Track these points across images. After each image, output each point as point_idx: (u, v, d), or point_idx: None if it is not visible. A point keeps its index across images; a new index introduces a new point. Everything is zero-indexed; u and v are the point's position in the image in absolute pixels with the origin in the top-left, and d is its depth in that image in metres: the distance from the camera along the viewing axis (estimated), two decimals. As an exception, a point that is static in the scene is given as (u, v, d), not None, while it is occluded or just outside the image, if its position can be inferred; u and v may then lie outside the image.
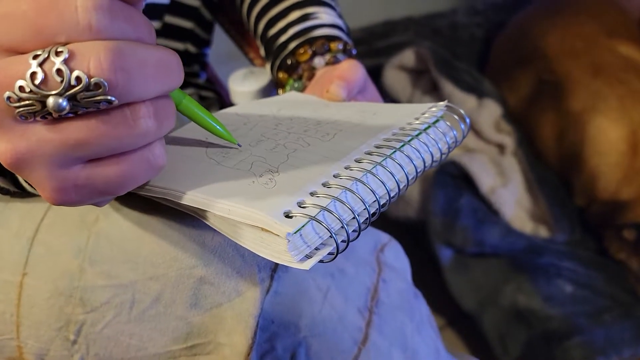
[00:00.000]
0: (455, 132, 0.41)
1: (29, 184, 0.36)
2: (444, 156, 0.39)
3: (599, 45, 1.23)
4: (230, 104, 0.64)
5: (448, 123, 0.41)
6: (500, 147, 1.26)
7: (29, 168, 0.27)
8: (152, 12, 0.59)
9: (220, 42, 0.80)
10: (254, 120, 0.42)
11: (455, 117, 0.41)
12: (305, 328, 0.39)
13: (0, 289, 0.39)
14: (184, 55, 0.67)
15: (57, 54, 0.24)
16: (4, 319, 0.39)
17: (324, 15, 0.55)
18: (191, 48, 0.68)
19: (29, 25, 0.24)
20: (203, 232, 0.38)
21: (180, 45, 0.65)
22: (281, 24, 0.56)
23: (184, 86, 0.68)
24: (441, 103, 0.42)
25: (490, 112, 1.27)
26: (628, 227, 1.10)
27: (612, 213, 1.11)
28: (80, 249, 0.38)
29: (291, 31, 0.55)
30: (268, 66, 0.59)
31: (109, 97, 0.25)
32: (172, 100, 0.29)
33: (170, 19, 0.62)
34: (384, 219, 1.23)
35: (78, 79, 0.24)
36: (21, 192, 0.39)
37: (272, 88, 0.62)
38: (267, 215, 0.29)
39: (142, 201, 0.38)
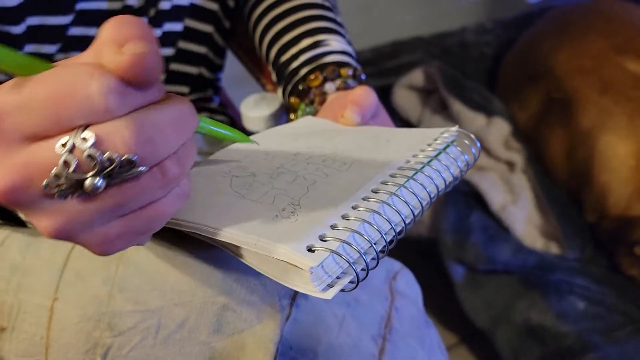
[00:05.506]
0: (466, 157, 0.42)
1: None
2: (456, 180, 0.41)
3: (608, 62, 1.23)
4: (242, 128, 0.65)
5: (459, 148, 0.42)
6: (510, 165, 1.27)
7: (74, 236, 0.28)
8: (166, 39, 0.61)
9: (232, 66, 0.82)
10: (273, 150, 0.44)
11: (466, 141, 0.42)
12: (322, 354, 0.40)
13: (32, 313, 0.41)
14: (198, 80, 0.69)
15: (84, 140, 0.25)
16: (34, 342, 0.40)
17: (334, 42, 0.57)
18: (205, 72, 0.69)
19: (48, 114, 0.25)
20: (227, 262, 0.40)
21: (194, 70, 0.67)
22: (293, 50, 0.58)
23: (198, 111, 0.70)
24: (452, 128, 0.43)
25: (499, 130, 1.28)
26: (639, 244, 1.09)
27: (623, 229, 1.11)
28: (109, 276, 0.40)
29: (303, 57, 0.56)
30: (280, 91, 0.60)
31: (140, 169, 0.26)
32: (190, 141, 0.31)
33: (184, 44, 0.64)
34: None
35: (110, 160, 0.25)
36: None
37: (283, 113, 0.64)
38: (291, 250, 0.30)
39: (169, 232, 0.40)
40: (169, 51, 0.63)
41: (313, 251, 0.30)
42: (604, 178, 1.13)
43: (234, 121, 0.75)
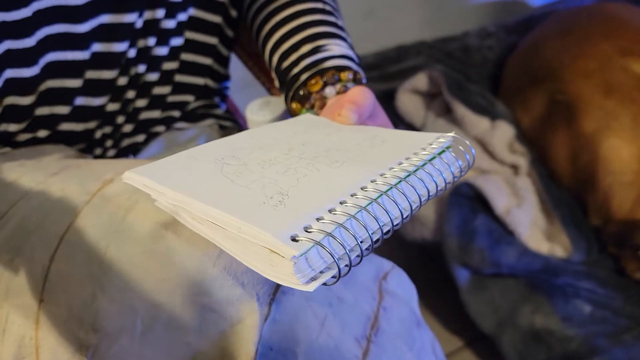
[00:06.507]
0: (460, 163, 0.42)
1: None
2: (448, 185, 0.41)
3: (612, 64, 1.22)
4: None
5: (453, 154, 0.42)
6: (514, 168, 1.27)
7: None
8: (172, 54, 0.62)
9: (238, 71, 0.83)
10: (268, 144, 0.44)
11: (461, 148, 0.43)
12: (302, 355, 0.40)
13: (20, 314, 0.41)
14: (204, 89, 0.70)
15: None
16: (24, 343, 0.41)
17: (334, 47, 0.57)
18: (210, 83, 0.70)
19: None
20: (206, 261, 0.40)
21: (200, 80, 0.68)
22: (293, 57, 0.58)
23: (204, 117, 0.71)
24: (448, 134, 0.43)
25: (503, 134, 1.28)
26: (644, 247, 1.09)
27: (628, 233, 1.10)
28: (92, 276, 0.40)
29: (303, 63, 0.57)
30: (283, 97, 0.61)
31: None
32: None
33: (187, 56, 0.65)
34: (400, 241, 1.24)
35: None
36: None
37: (288, 117, 0.64)
38: (274, 238, 0.30)
39: (150, 231, 0.40)
40: (174, 65, 0.63)
41: (297, 241, 0.31)
42: (607, 181, 1.13)
43: (241, 127, 0.75)
